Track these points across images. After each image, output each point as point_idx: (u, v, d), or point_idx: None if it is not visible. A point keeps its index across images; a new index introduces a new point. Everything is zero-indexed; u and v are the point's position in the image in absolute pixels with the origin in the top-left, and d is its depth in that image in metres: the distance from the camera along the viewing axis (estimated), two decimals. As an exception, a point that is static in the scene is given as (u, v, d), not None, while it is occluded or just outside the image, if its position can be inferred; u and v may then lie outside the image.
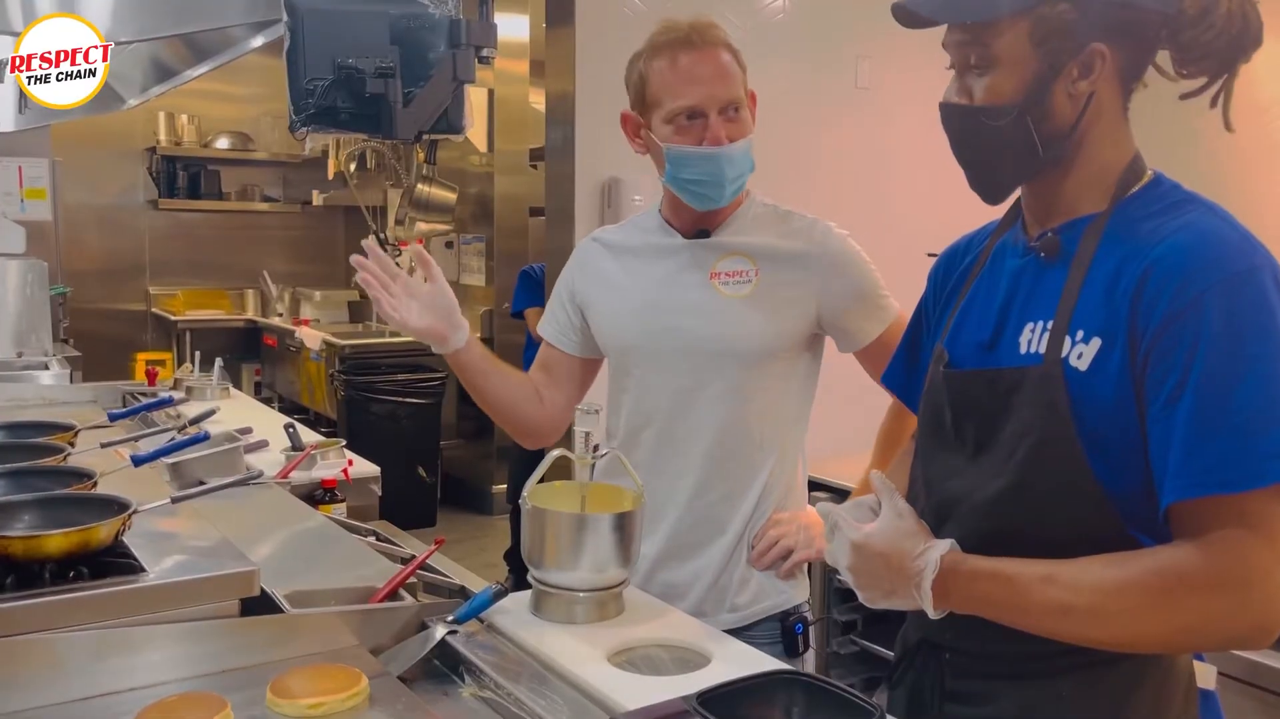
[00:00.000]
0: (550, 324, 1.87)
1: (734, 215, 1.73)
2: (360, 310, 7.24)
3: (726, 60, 1.63)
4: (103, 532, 1.36)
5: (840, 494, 2.33)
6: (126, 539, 1.43)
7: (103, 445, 2.04)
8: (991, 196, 1.21)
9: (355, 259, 1.73)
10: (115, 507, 1.43)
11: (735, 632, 1.67)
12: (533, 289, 4.76)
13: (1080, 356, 1.10)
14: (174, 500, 1.56)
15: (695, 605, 1.70)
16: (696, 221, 1.72)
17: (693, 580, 1.71)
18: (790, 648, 1.73)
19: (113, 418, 2.42)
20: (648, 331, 1.72)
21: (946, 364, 1.26)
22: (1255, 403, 1.01)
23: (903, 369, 1.44)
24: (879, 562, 1.15)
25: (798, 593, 1.76)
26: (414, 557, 1.62)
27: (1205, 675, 1.21)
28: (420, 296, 1.72)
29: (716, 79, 1.61)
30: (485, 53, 2.00)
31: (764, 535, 1.70)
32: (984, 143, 1.17)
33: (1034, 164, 1.16)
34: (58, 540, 1.32)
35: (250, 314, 7.40)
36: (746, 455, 1.70)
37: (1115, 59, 1.13)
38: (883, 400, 1.65)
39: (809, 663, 1.78)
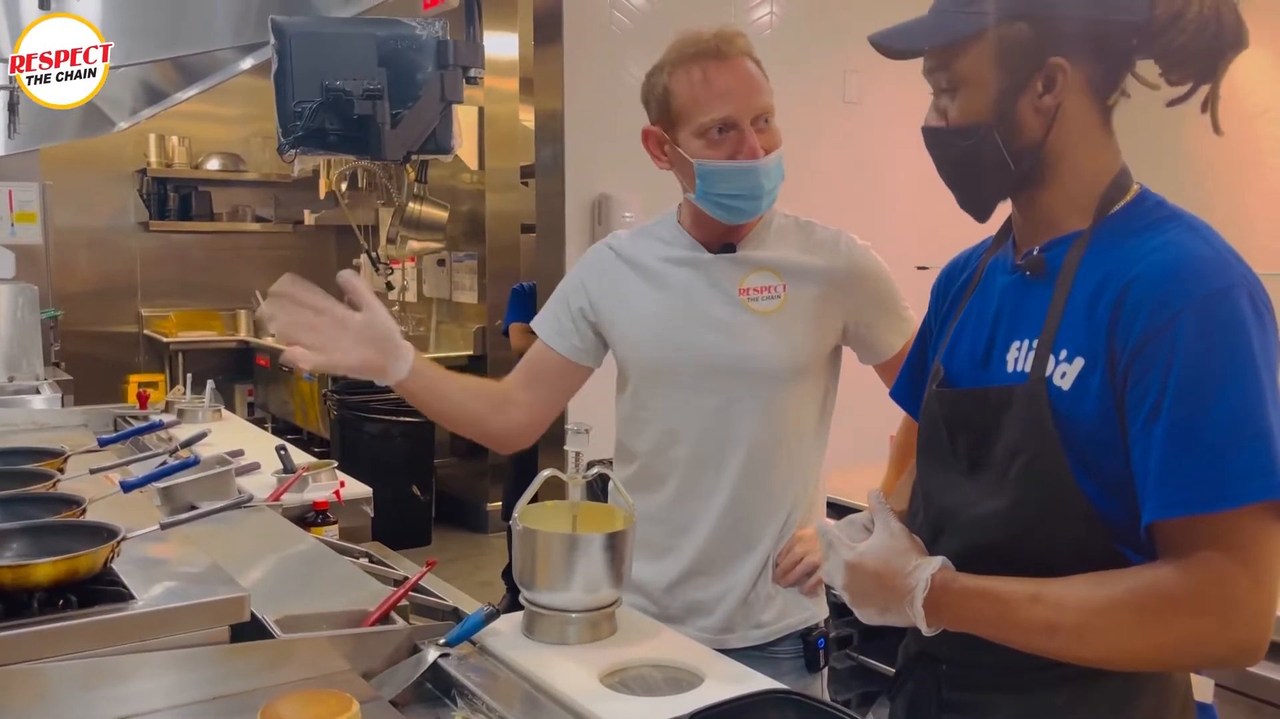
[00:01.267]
0: (548, 324, 1.77)
1: (757, 229, 1.69)
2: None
3: (754, 70, 1.59)
4: (91, 559, 1.35)
5: (839, 511, 2.32)
6: (116, 566, 1.42)
7: (92, 471, 2.03)
8: (978, 214, 1.22)
9: (263, 311, 1.54)
10: (104, 534, 1.42)
11: (759, 648, 1.67)
12: (519, 306, 4.75)
13: (1064, 376, 1.11)
14: (163, 527, 1.55)
15: (722, 622, 1.67)
16: (722, 235, 1.67)
17: (721, 598, 1.68)
18: (811, 663, 1.71)
19: (102, 443, 2.41)
20: (676, 349, 1.66)
21: (941, 381, 1.27)
22: (1228, 423, 1.01)
23: (909, 383, 1.44)
24: (872, 580, 1.16)
25: (820, 609, 1.74)
26: (406, 578, 1.61)
27: (1203, 689, 1.21)
28: (354, 328, 1.53)
29: (748, 89, 1.57)
30: (473, 73, 2.01)
31: (789, 552, 1.67)
32: (960, 163, 1.19)
33: (1008, 179, 1.17)
34: (46, 569, 1.31)
35: (243, 334, 7.39)
36: (777, 472, 1.67)
37: (1082, 72, 1.14)
38: (881, 413, 1.64)
39: (824, 677, 1.76)
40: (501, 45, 5.81)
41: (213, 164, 7.40)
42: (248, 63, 2.73)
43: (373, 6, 2.16)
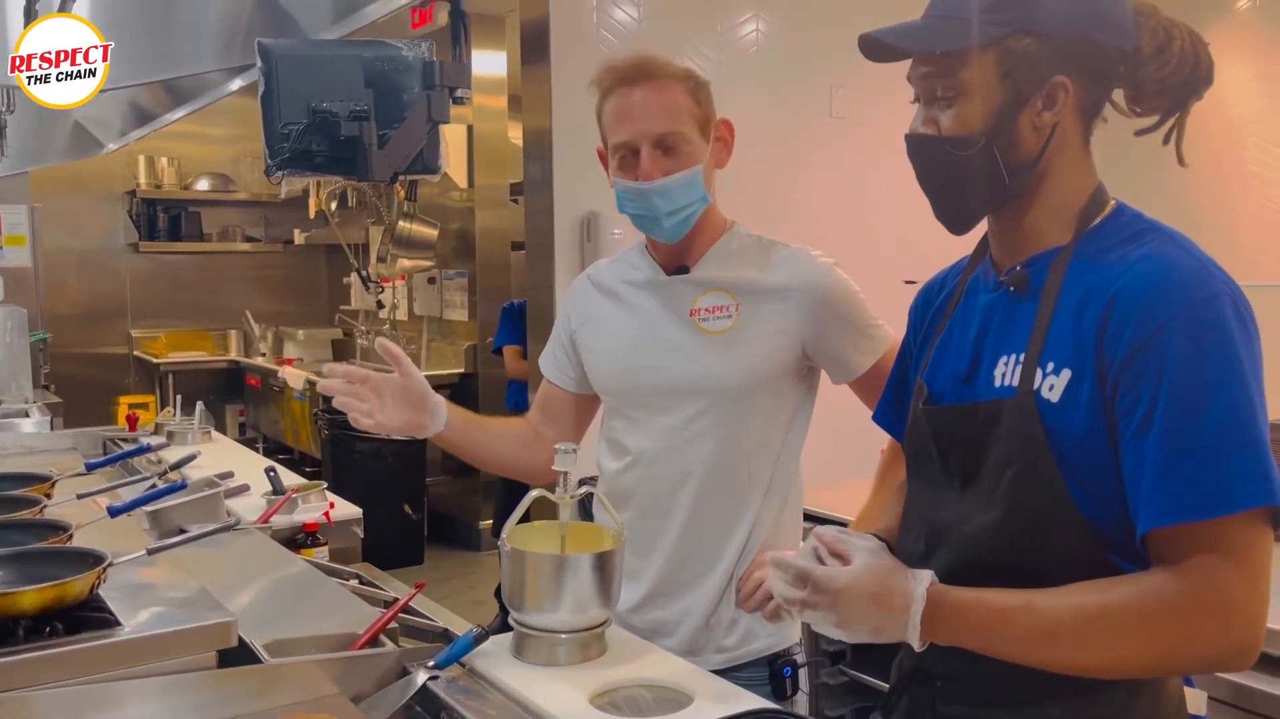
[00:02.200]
0: (548, 360, 1.88)
1: (714, 249, 1.71)
2: (344, 349, 7.23)
3: (668, 94, 1.62)
4: (77, 586, 1.35)
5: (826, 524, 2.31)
6: (103, 592, 1.41)
7: (79, 496, 2.02)
8: (957, 226, 1.22)
9: (323, 385, 1.74)
10: (90, 560, 1.42)
11: (722, 673, 1.65)
12: (510, 325, 4.74)
13: (1052, 388, 1.11)
14: (150, 552, 1.55)
15: (684, 644, 1.67)
16: (676, 257, 1.71)
17: (681, 619, 1.68)
18: (779, 691, 1.69)
19: (90, 467, 2.39)
20: (632, 371, 1.71)
21: (926, 400, 1.27)
22: (1221, 429, 1.02)
23: (892, 406, 1.43)
24: (868, 601, 1.12)
25: (788, 635, 1.72)
26: (396, 600, 1.61)
27: (1195, 702, 1.21)
28: (391, 392, 1.70)
29: (648, 114, 1.61)
30: (459, 93, 2.02)
31: (750, 577, 1.64)
32: (951, 173, 1.18)
33: (1000, 193, 1.17)
34: (31, 597, 1.31)
35: (233, 354, 7.38)
36: (735, 492, 1.67)
37: (1077, 92, 1.15)
38: (866, 429, 1.63)
39: (799, 706, 1.74)
40: (489, 63, 5.83)
41: (202, 184, 7.40)
42: (236, 84, 2.74)
43: (361, 27, 2.17)
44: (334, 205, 6.46)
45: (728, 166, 1.73)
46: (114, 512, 1.82)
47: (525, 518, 1.48)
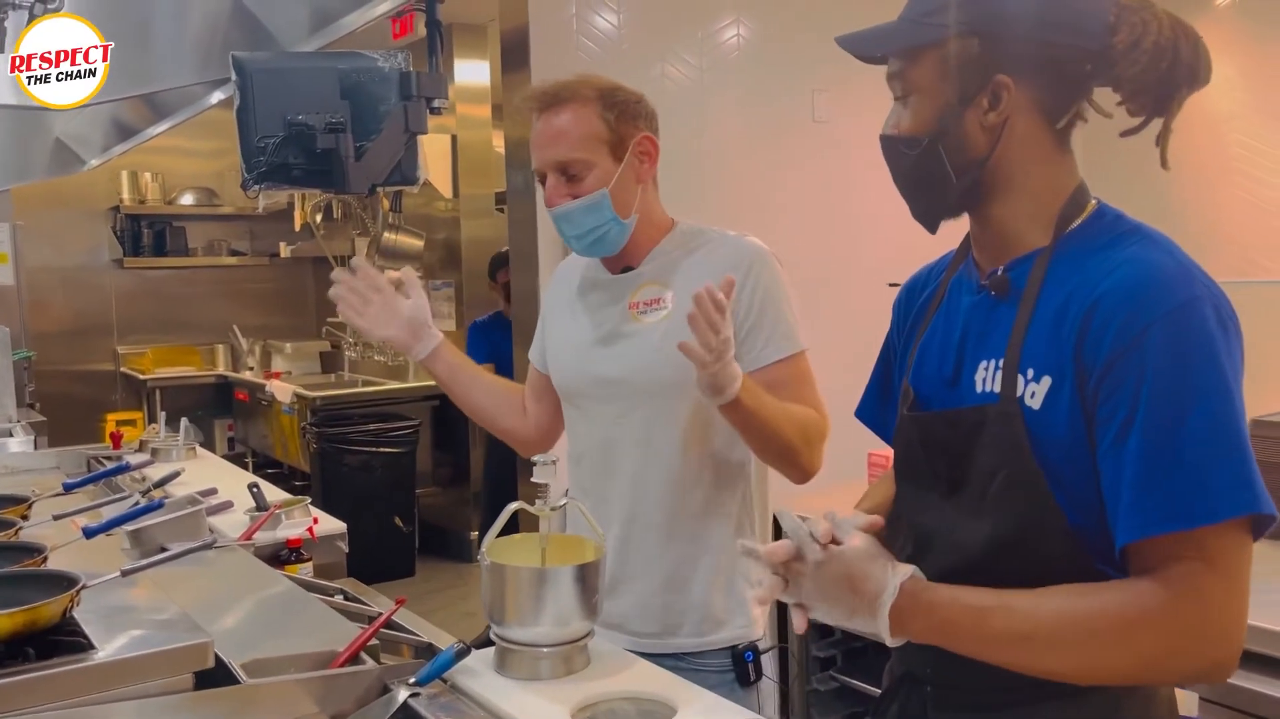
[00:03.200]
0: (534, 345, 1.94)
1: (655, 250, 1.75)
2: (332, 361, 7.20)
3: (575, 119, 1.66)
4: (50, 609, 1.33)
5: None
6: (78, 614, 1.39)
7: (56, 517, 1.99)
8: (926, 224, 1.23)
9: (336, 273, 1.85)
10: (64, 583, 1.39)
11: (684, 656, 1.69)
12: (483, 343, 4.69)
13: (1033, 395, 1.10)
14: (124, 573, 1.52)
15: (637, 633, 1.70)
16: (619, 262, 1.76)
17: (631, 610, 1.71)
18: (742, 677, 1.71)
19: (68, 487, 2.36)
20: (578, 364, 1.78)
21: (912, 404, 1.26)
22: (1203, 437, 1.01)
23: (876, 402, 1.43)
24: (841, 581, 1.10)
25: (750, 630, 1.74)
26: (380, 615, 1.59)
27: (1187, 702, 1.20)
28: (394, 307, 1.84)
29: (550, 142, 1.67)
30: (436, 103, 2.01)
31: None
32: (908, 171, 1.20)
33: (950, 193, 1.17)
34: (2, 621, 1.29)
35: (221, 369, 7.33)
36: (680, 482, 1.69)
37: (1031, 92, 1.13)
38: (854, 432, 1.61)
39: (763, 692, 1.76)
40: (473, 72, 5.83)
41: (186, 199, 7.36)
42: (216, 97, 2.73)
43: (340, 38, 2.16)
44: (319, 218, 6.43)
45: (713, 170, 1.74)
46: (89, 532, 1.79)
47: (506, 530, 1.46)
